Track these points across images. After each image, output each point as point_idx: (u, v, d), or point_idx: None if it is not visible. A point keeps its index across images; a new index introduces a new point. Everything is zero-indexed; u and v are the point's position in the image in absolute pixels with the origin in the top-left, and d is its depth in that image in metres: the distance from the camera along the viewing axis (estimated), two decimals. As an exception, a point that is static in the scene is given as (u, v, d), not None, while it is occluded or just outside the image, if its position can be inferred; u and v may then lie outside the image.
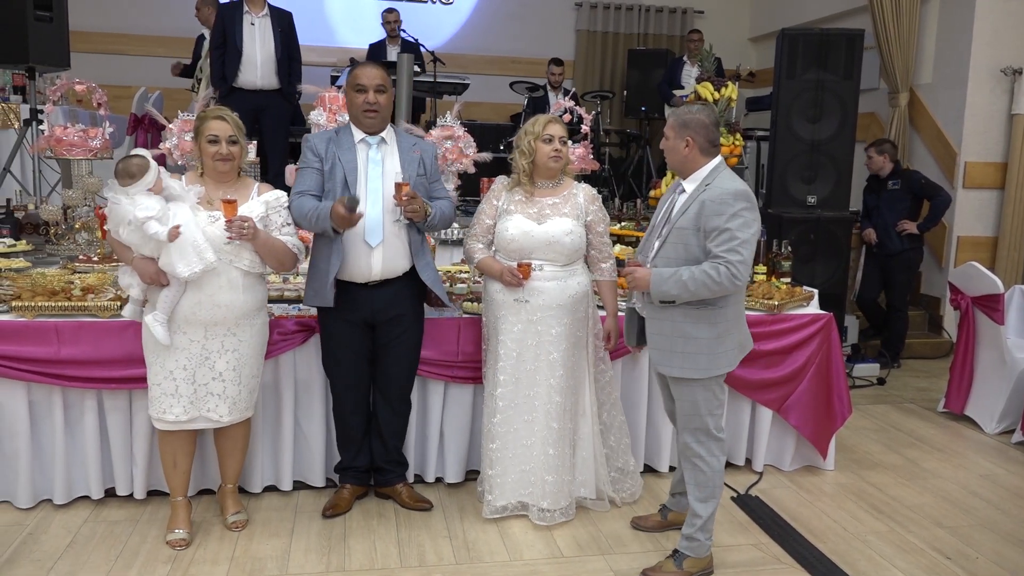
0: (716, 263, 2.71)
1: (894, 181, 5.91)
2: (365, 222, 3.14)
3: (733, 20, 9.70)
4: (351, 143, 3.25)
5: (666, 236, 2.87)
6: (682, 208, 2.86)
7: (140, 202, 2.91)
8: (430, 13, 9.12)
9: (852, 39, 5.35)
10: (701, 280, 2.71)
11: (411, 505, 3.45)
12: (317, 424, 3.59)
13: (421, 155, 3.32)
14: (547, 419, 3.30)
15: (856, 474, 4.03)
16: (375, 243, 3.17)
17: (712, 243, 2.75)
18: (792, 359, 3.91)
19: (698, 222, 2.78)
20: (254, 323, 3.16)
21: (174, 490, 3.20)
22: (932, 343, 6.53)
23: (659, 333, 2.89)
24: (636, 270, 2.85)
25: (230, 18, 5.92)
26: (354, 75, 3.24)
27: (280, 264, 3.18)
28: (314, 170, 3.23)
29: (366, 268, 3.20)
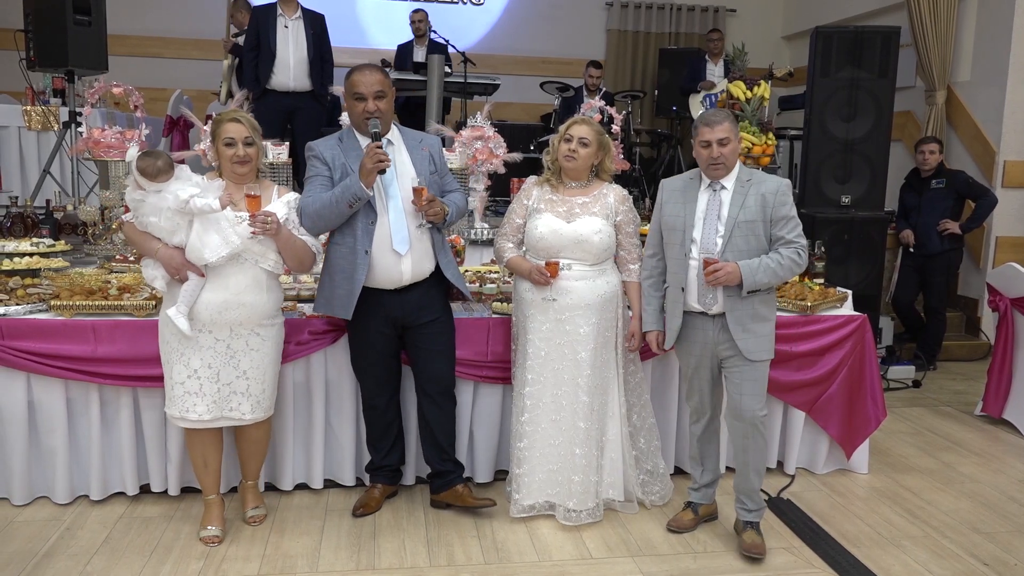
0: (795, 247, 3.00)
1: (938, 180, 5.80)
2: (391, 230, 3.14)
3: (766, 18, 9.61)
4: (358, 149, 3.20)
5: (730, 231, 3.00)
6: (739, 204, 3.02)
7: (174, 188, 2.97)
8: (461, 14, 9.15)
9: (888, 36, 5.27)
10: (788, 265, 2.99)
11: (475, 504, 3.38)
12: (347, 423, 3.61)
13: (430, 151, 3.31)
14: (574, 418, 3.29)
15: (890, 478, 3.96)
16: (405, 250, 3.15)
17: (783, 230, 3.01)
18: (825, 361, 3.86)
19: (764, 213, 3.01)
20: (275, 323, 3.20)
21: (206, 488, 3.24)
22: (969, 345, 6.41)
23: (742, 322, 3.03)
24: (724, 265, 2.96)
25: (264, 20, 5.99)
26: (351, 83, 3.16)
27: (300, 263, 3.20)
28: (324, 178, 3.18)
29: (396, 275, 3.19)
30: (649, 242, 3.27)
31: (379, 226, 3.15)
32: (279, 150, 4.50)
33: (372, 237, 3.14)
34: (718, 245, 3.02)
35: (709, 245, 3.03)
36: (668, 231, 3.14)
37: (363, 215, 3.14)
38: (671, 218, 3.13)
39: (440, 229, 3.29)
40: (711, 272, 2.94)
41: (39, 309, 3.45)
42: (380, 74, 3.18)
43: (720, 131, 3.03)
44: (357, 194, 3.06)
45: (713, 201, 3.06)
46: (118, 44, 7.44)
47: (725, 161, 3.04)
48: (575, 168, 3.31)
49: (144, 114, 4.80)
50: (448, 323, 3.40)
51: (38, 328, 3.33)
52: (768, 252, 3.03)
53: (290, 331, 3.46)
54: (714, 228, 3.03)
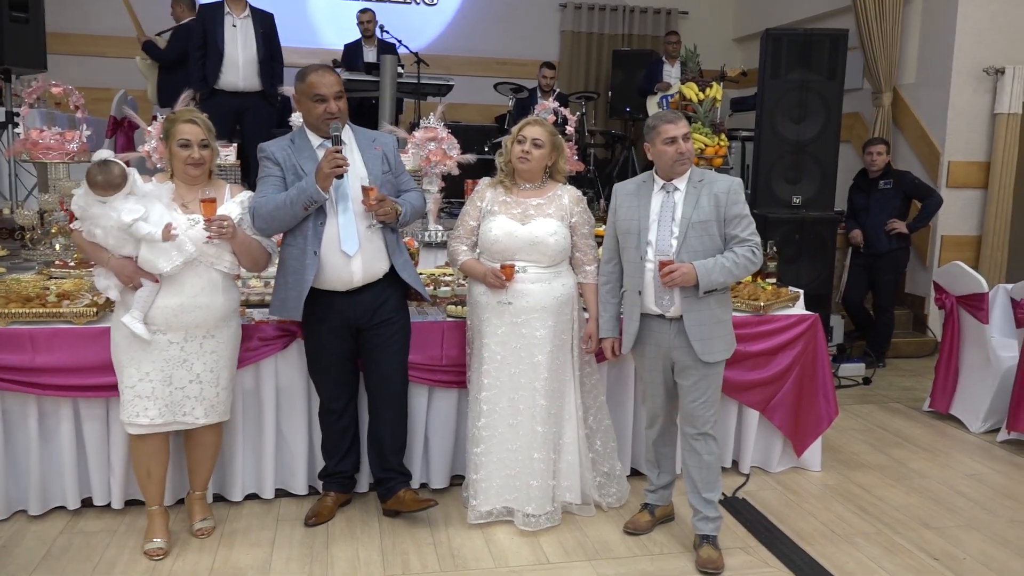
0: (749, 245, 3.01)
1: (886, 181, 5.90)
2: (339, 230, 3.08)
3: (717, 21, 9.71)
4: (310, 149, 3.15)
5: (684, 232, 3.00)
6: (692, 204, 3.01)
7: (120, 206, 2.87)
8: (414, 14, 9.07)
9: (836, 39, 5.35)
10: (743, 264, 2.99)
11: (415, 507, 3.32)
12: (299, 431, 3.53)
13: (383, 151, 3.25)
14: (532, 423, 3.26)
15: (843, 475, 4.01)
16: (353, 251, 3.09)
17: (736, 229, 3.02)
18: (778, 360, 3.89)
19: (717, 213, 3.01)
20: (231, 325, 3.13)
21: (150, 499, 3.14)
22: (917, 342, 6.54)
23: (699, 324, 3.02)
24: (679, 266, 2.95)
25: (211, 19, 5.86)
26: (310, 84, 3.07)
27: (255, 263, 3.15)
28: (277, 179, 3.12)
29: (347, 276, 3.12)
30: (605, 247, 3.25)
31: (328, 227, 3.09)
32: (227, 152, 4.41)
33: (321, 238, 3.08)
34: (673, 246, 3.01)
35: (664, 247, 3.02)
36: (623, 235, 3.13)
37: (313, 216, 3.08)
38: (625, 222, 3.11)
39: (395, 229, 3.23)
40: (667, 273, 2.93)
41: (-28, 318, 3.31)
42: (335, 74, 3.15)
43: (683, 126, 3.05)
44: (313, 197, 3.00)
45: (667, 203, 3.06)
46: (59, 43, 7.24)
47: (690, 157, 3.05)
48: (529, 170, 3.28)
49: (85, 114, 4.64)
50: (402, 325, 3.34)
51: (-29, 337, 3.19)
52: (723, 251, 3.04)
53: (239, 337, 3.38)
54: (668, 230, 3.03)
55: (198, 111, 3.12)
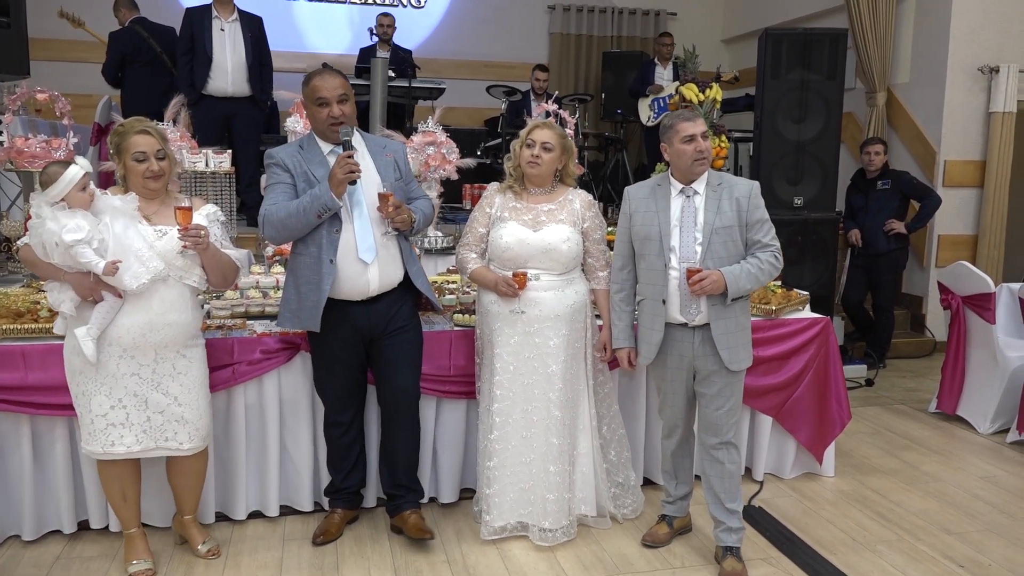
0: (771, 251, 2.95)
1: (884, 181, 5.87)
2: (355, 238, 2.98)
3: (706, 22, 9.68)
4: (320, 156, 3.05)
5: (708, 238, 2.91)
6: (714, 209, 2.93)
7: (64, 222, 2.66)
8: (401, 17, 8.88)
9: (835, 38, 5.31)
10: (767, 270, 2.92)
11: (415, 534, 3.17)
12: (304, 446, 3.41)
13: (394, 158, 3.16)
14: (546, 435, 3.17)
15: (857, 480, 3.95)
16: (371, 259, 2.99)
17: (758, 234, 2.95)
18: (790, 365, 3.83)
19: (740, 218, 2.94)
20: (199, 343, 2.99)
21: (126, 522, 3.01)
22: (916, 342, 6.52)
23: (726, 332, 2.94)
24: (709, 273, 2.86)
25: (199, 23, 5.72)
26: (313, 88, 2.98)
27: (224, 279, 3.00)
28: (286, 185, 3.00)
29: (363, 285, 3.02)
30: (618, 254, 3.16)
31: (344, 234, 2.98)
32: (221, 158, 4.27)
33: (337, 246, 2.97)
34: (698, 253, 2.92)
35: (689, 254, 2.93)
36: (641, 241, 3.03)
37: (327, 224, 2.96)
38: (644, 227, 3.02)
39: (407, 237, 3.14)
40: (696, 281, 2.84)
41: (-39, 334, 3.17)
42: (340, 77, 3.03)
43: (701, 124, 2.98)
44: (327, 204, 2.89)
45: (688, 207, 2.97)
46: (41, 48, 7.05)
47: (709, 156, 2.98)
48: (539, 174, 3.19)
49: (71, 122, 4.49)
50: (416, 334, 3.24)
51: (-39, 355, 3.05)
52: (744, 257, 2.97)
53: (241, 350, 3.28)
54: (692, 235, 2.94)
55: (148, 120, 2.95)
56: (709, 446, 3.06)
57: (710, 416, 3.04)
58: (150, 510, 3.24)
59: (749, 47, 9.16)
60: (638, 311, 3.16)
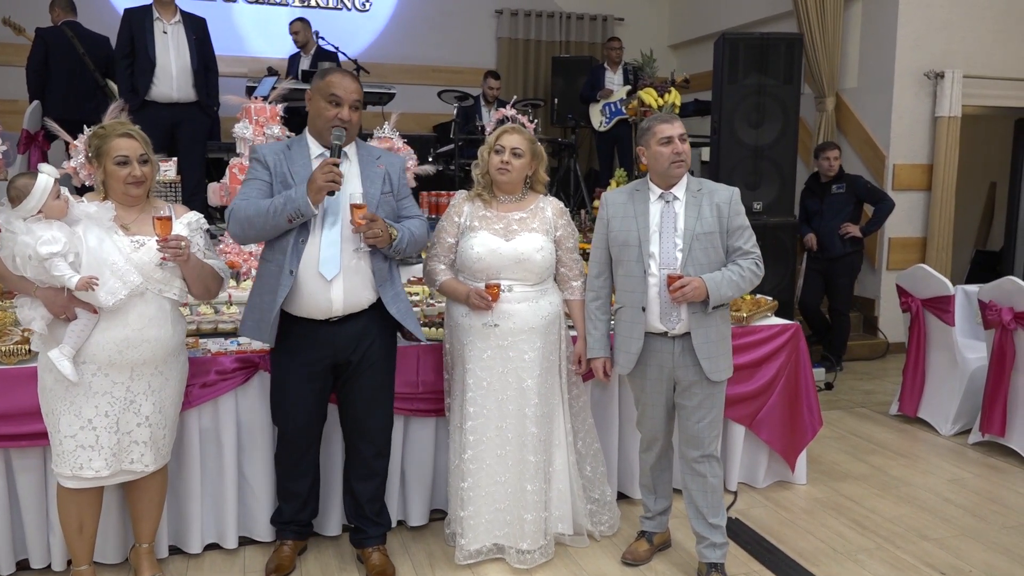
0: (752, 258, 2.90)
1: (839, 185, 5.91)
2: (320, 251, 2.79)
3: (653, 27, 9.69)
4: (306, 157, 2.85)
5: (689, 244, 2.84)
6: (695, 215, 2.86)
7: (39, 234, 2.48)
8: (347, 20, 8.74)
9: (791, 43, 5.32)
10: (748, 278, 2.87)
11: (375, 574, 3.00)
12: (262, 471, 3.21)
13: (386, 169, 2.96)
14: (522, 452, 3.03)
15: (829, 487, 3.92)
16: (331, 275, 2.77)
17: (739, 241, 2.90)
18: (762, 372, 3.77)
19: (720, 224, 2.88)
20: (179, 359, 2.81)
21: (78, 558, 2.78)
22: (869, 344, 6.58)
23: (707, 341, 2.87)
24: (690, 280, 2.77)
25: (139, 25, 5.41)
26: (328, 83, 2.79)
27: (206, 290, 2.82)
28: (262, 182, 2.82)
29: (325, 303, 2.81)
30: (594, 261, 3.06)
31: (309, 245, 2.79)
32: (166, 167, 4.04)
33: (301, 257, 2.77)
34: (678, 259, 2.84)
35: (669, 260, 2.84)
36: (620, 247, 2.94)
37: (296, 232, 2.77)
38: (622, 233, 2.93)
39: (387, 257, 2.91)
40: (677, 288, 2.75)
41: None
42: (359, 84, 2.86)
43: (679, 126, 2.92)
44: (301, 209, 2.70)
45: (667, 212, 2.89)
46: (-39, 51, 6.67)
47: (686, 158, 2.89)
48: (509, 181, 3.06)
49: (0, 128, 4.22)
50: (386, 365, 3.02)
51: None
52: (725, 264, 2.89)
53: (194, 371, 3.05)
54: (672, 242, 2.86)
55: (131, 123, 2.78)
56: (691, 459, 2.98)
57: (691, 429, 2.95)
58: (101, 545, 2.99)
59: (697, 52, 9.26)
60: (614, 320, 3.06)
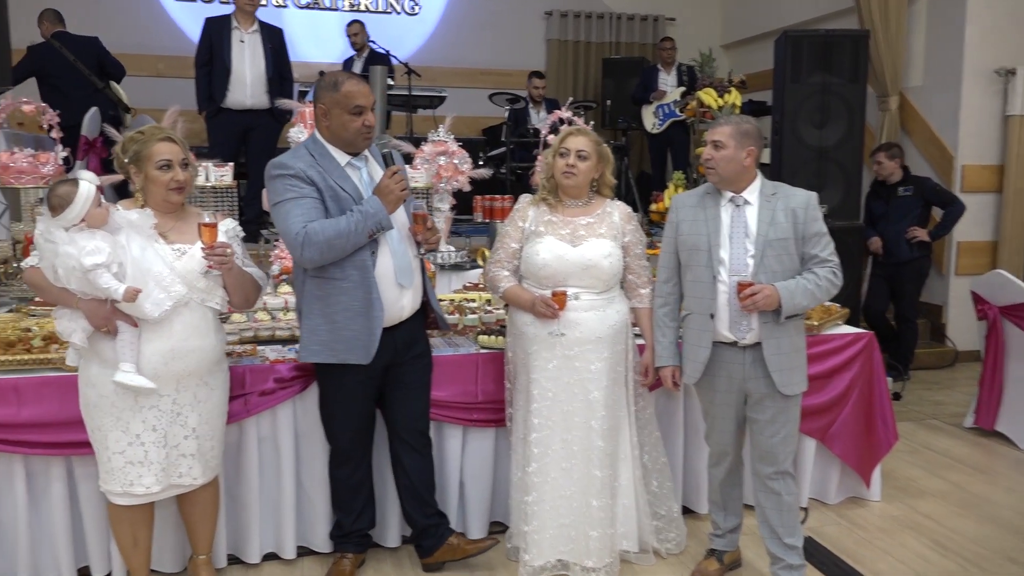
0: (830, 267, 2.75)
1: (905, 188, 5.68)
2: (393, 261, 2.76)
3: (704, 27, 9.50)
4: (339, 168, 2.77)
5: (761, 251, 2.71)
6: (767, 220, 2.72)
7: (82, 244, 2.42)
8: (396, 24, 8.74)
9: (857, 40, 5.15)
10: (825, 287, 2.73)
11: (476, 551, 3.00)
12: (321, 481, 3.14)
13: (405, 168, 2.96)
14: (588, 466, 2.93)
15: (905, 504, 3.73)
16: (411, 283, 2.79)
17: (816, 248, 2.76)
18: (835, 383, 3.61)
19: (795, 230, 2.74)
20: (222, 368, 2.77)
21: (136, 570, 2.75)
22: (936, 352, 6.33)
23: (778, 353, 2.74)
24: (762, 288, 2.64)
25: (217, 33, 5.58)
26: (347, 94, 2.69)
27: (246, 299, 2.77)
28: (315, 200, 2.69)
29: (398, 311, 2.81)
30: (663, 266, 2.94)
31: (381, 257, 2.75)
32: (222, 171, 4.01)
33: (376, 270, 2.74)
34: (749, 266, 2.71)
35: (739, 266, 2.72)
36: (689, 252, 2.82)
37: (367, 245, 2.72)
38: (691, 237, 2.81)
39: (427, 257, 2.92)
40: (748, 296, 2.63)
41: (-54, 367, 2.90)
42: (368, 84, 2.78)
43: (716, 133, 2.78)
44: (383, 223, 2.67)
45: (738, 217, 2.76)
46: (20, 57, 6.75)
47: (716, 166, 2.76)
48: (575, 185, 2.96)
49: (60, 134, 4.23)
50: (430, 359, 3.06)
51: (-54, 391, 2.78)
52: (800, 272, 2.75)
53: (253, 380, 3.02)
54: (743, 247, 2.73)
55: (167, 127, 2.72)
56: (764, 476, 2.84)
57: (764, 444, 2.82)
58: (159, 554, 2.96)
59: (749, 52, 9.06)
60: (683, 327, 2.94)
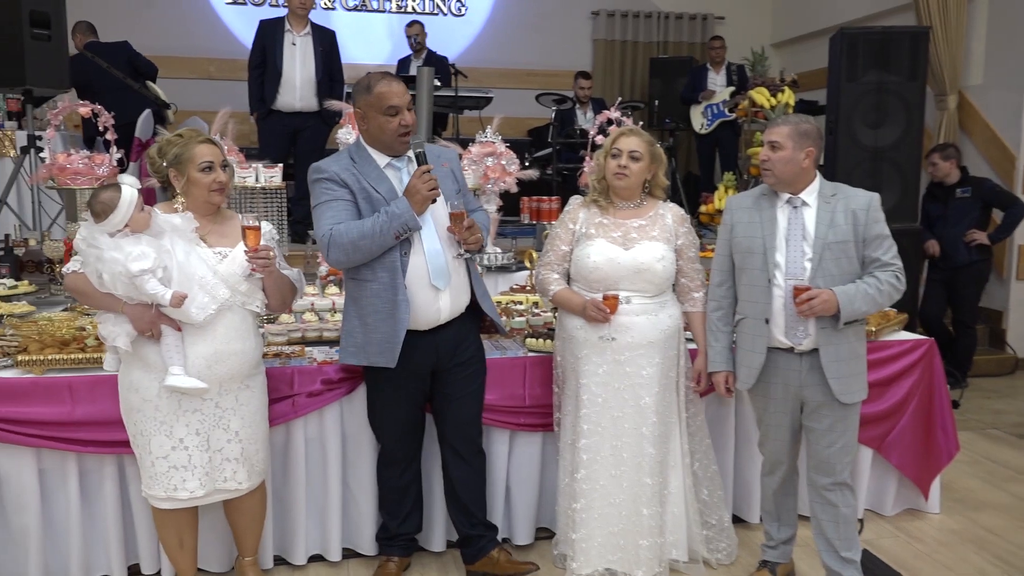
0: (892, 271, 2.66)
1: (963, 189, 5.50)
2: (427, 262, 2.71)
3: (754, 26, 9.33)
4: (377, 170, 2.75)
5: (819, 254, 2.63)
6: (826, 222, 2.63)
7: (128, 249, 2.43)
8: (442, 25, 8.74)
9: (916, 37, 5.00)
10: (887, 292, 2.64)
11: (511, 570, 2.95)
12: (367, 483, 3.13)
13: (451, 168, 2.87)
14: (638, 474, 2.87)
15: (965, 516, 3.61)
16: (445, 285, 2.72)
17: (878, 251, 2.67)
18: (893, 391, 3.50)
19: (856, 232, 2.66)
20: (261, 370, 2.77)
21: (183, 571, 2.78)
22: (996, 359, 6.12)
23: (837, 360, 2.65)
24: (819, 292, 2.57)
25: (270, 36, 5.66)
26: (380, 95, 2.67)
27: (283, 302, 2.78)
28: (347, 202, 2.70)
29: (434, 313, 2.75)
30: (717, 269, 2.87)
31: (414, 258, 2.71)
32: (271, 173, 4.03)
33: (406, 271, 2.70)
34: (807, 270, 2.63)
35: (796, 270, 2.64)
36: (743, 254, 2.75)
37: (398, 246, 2.69)
38: (746, 239, 2.73)
39: (474, 257, 2.86)
40: (804, 301, 2.55)
41: (2, 365, 2.95)
42: (404, 83, 2.74)
43: (773, 134, 2.71)
44: (409, 224, 2.62)
45: (795, 219, 2.68)
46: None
47: (772, 167, 2.69)
48: (627, 186, 2.90)
49: (115, 136, 4.29)
50: (482, 364, 2.99)
51: (3, 389, 2.82)
52: (861, 276, 2.66)
53: (301, 381, 3.03)
54: (800, 250, 2.65)
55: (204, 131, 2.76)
56: (820, 487, 2.75)
57: (821, 453, 2.73)
58: (206, 554, 2.99)
59: (800, 51, 8.88)
60: (736, 332, 2.87)
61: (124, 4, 7.98)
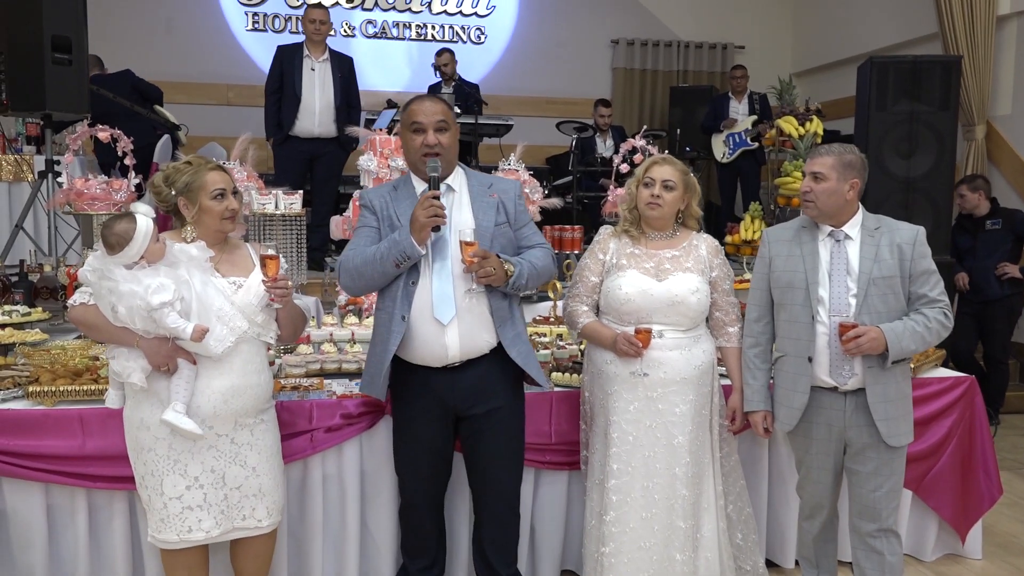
0: (940, 307, 2.57)
1: (993, 221, 5.38)
2: (432, 293, 2.57)
3: (775, 55, 9.28)
4: (412, 197, 2.64)
5: (864, 289, 2.54)
6: (871, 257, 2.53)
7: (146, 281, 2.33)
8: (461, 53, 8.64)
9: (948, 66, 4.90)
10: (935, 329, 2.54)
11: None
12: (386, 521, 3.02)
13: (500, 199, 2.71)
14: (670, 516, 2.74)
15: (1008, 563, 3.45)
16: (447, 319, 2.55)
17: (924, 287, 2.57)
18: (932, 431, 3.36)
19: (902, 268, 2.57)
20: (271, 403, 2.66)
21: None
22: (1029, 396, 5.95)
23: (884, 400, 2.55)
24: (867, 330, 2.46)
25: (288, 62, 5.66)
26: (410, 112, 2.62)
27: (295, 332, 2.71)
28: (370, 228, 2.65)
29: (440, 350, 2.59)
30: (754, 303, 2.76)
31: (420, 288, 2.58)
32: (291, 199, 3.96)
33: (412, 301, 2.58)
34: (851, 306, 2.52)
35: (840, 306, 2.53)
36: (783, 289, 2.64)
37: (405, 275, 2.59)
38: (786, 274, 2.63)
39: (507, 295, 2.66)
40: (851, 339, 2.43)
41: (12, 396, 2.86)
42: (443, 104, 2.65)
43: (816, 164, 2.61)
44: (407, 251, 2.51)
45: (838, 253, 2.57)
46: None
47: (815, 199, 2.58)
48: (660, 216, 2.80)
49: (133, 162, 4.24)
50: (513, 416, 2.76)
51: (12, 421, 2.74)
52: (907, 312, 2.55)
53: (320, 415, 2.92)
54: (844, 286, 2.54)
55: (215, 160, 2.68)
56: (865, 533, 2.62)
57: (866, 498, 2.60)
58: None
59: (823, 80, 8.82)
60: (775, 370, 2.75)
61: (144, 30, 8.03)
